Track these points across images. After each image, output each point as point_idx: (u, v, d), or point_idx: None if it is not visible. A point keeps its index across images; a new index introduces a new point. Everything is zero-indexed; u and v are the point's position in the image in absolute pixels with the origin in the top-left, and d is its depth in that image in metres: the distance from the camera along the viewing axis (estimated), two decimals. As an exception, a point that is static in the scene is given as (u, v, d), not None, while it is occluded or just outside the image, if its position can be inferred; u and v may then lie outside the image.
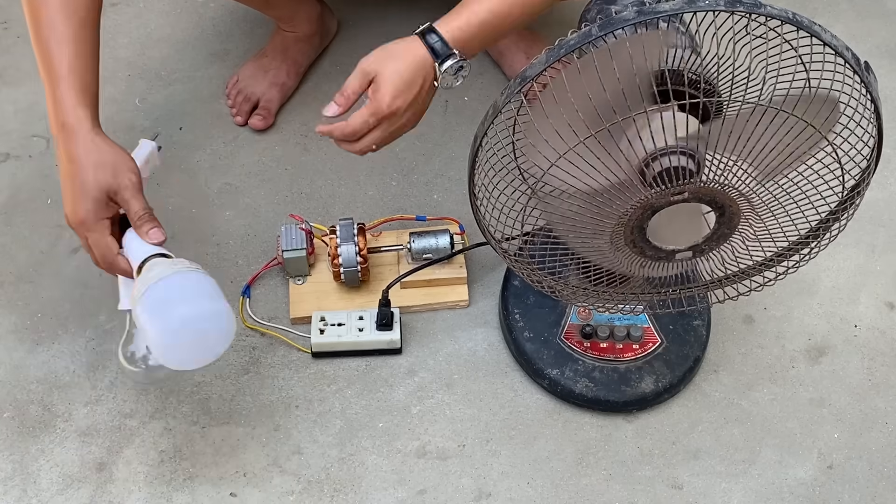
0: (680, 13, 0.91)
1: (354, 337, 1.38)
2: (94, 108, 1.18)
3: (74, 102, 1.16)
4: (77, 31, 1.18)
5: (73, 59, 1.17)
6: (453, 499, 1.30)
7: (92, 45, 1.19)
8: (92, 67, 1.19)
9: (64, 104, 1.16)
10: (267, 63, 1.65)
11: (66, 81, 1.16)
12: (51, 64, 1.16)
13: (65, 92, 1.16)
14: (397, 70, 1.17)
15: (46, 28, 1.17)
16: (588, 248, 1.12)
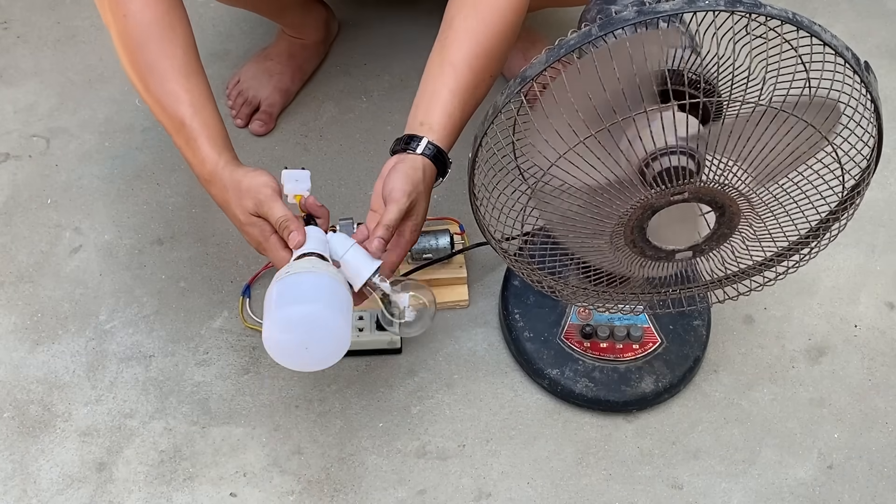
0: (680, 13, 0.91)
1: (354, 337, 1.38)
2: (228, 148, 1.21)
3: (211, 153, 1.19)
4: (189, 84, 1.20)
5: (195, 113, 1.19)
6: (453, 499, 1.30)
7: (205, 89, 1.22)
8: (213, 111, 1.21)
9: (204, 159, 1.19)
10: (271, 67, 1.64)
11: (200, 137, 1.19)
12: (177, 123, 1.19)
13: (202, 147, 1.19)
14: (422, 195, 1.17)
15: (160, 91, 1.19)
16: (587, 249, 1.12)
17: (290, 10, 1.62)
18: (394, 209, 1.12)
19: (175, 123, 1.20)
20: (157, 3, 1.19)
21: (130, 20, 1.18)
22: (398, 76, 1.71)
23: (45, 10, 1.79)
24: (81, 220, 1.53)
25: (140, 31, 1.18)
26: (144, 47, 1.19)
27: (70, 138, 1.63)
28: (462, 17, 1.18)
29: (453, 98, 1.16)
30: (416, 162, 1.16)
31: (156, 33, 1.19)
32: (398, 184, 1.13)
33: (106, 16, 1.21)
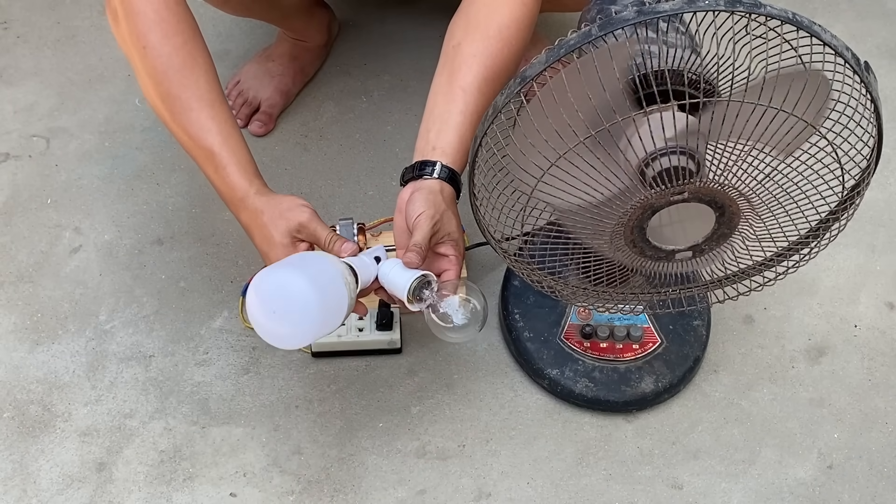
0: (680, 13, 0.91)
1: (354, 337, 1.38)
2: (258, 175, 1.22)
3: (241, 181, 1.20)
4: (215, 113, 1.21)
5: (223, 142, 1.20)
6: (453, 499, 1.30)
7: (230, 117, 1.23)
8: (239, 138, 1.22)
9: (234, 187, 1.20)
10: (273, 68, 1.64)
11: (230, 166, 1.20)
12: (206, 153, 1.20)
13: (231, 176, 1.20)
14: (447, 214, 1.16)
15: (186, 121, 1.20)
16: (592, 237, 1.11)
17: (295, 16, 1.62)
18: (418, 233, 1.12)
19: (204, 153, 1.21)
20: (176, 34, 1.20)
21: (150, 52, 1.19)
22: (398, 76, 1.71)
23: (45, 10, 1.79)
24: (81, 220, 1.53)
25: (161, 62, 1.19)
26: (167, 78, 1.19)
27: (70, 138, 1.63)
28: (470, 41, 1.18)
29: (464, 121, 1.16)
30: (434, 186, 1.15)
31: (177, 64, 1.19)
32: (419, 208, 1.13)
33: (126, 48, 1.22)
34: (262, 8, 1.56)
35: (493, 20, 1.18)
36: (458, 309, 1.13)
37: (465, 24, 1.20)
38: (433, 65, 1.19)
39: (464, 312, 1.14)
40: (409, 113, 1.67)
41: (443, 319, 1.13)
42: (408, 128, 1.65)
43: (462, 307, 1.13)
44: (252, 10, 1.57)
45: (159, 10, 1.18)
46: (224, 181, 1.21)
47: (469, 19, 1.20)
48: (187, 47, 1.20)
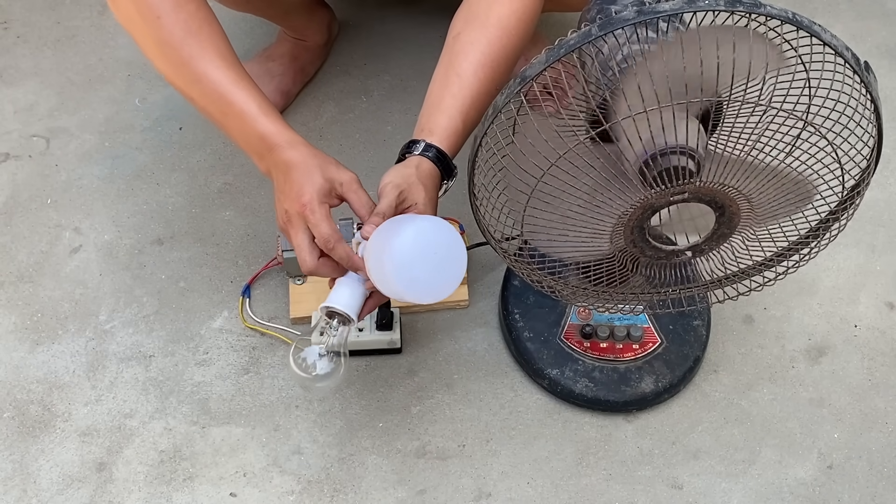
0: (680, 13, 0.91)
1: (354, 337, 1.38)
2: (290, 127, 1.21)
3: (281, 128, 1.19)
4: (239, 71, 1.20)
5: (254, 96, 1.19)
6: (453, 499, 1.30)
7: (249, 76, 1.22)
8: (265, 94, 1.21)
9: (272, 133, 1.18)
10: (273, 68, 1.64)
11: (266, 115, 1.18)
12: (237, 109, 1.19)
13: (269, 125, 1.18)
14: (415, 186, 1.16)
15: (210, 81, 1.19)
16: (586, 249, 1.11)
17: (295, 15, 1.62)
18: (383, 202, 1.12)
19: (236, 109, 1.19)
20: (187, 2, 1.19)
21: (166, 20, 1.18)
22: (398, 76, 1.71)
23: (45, 10, 1.79)
24: (81, 220, 1.53)
25: (179, 29, 1.18)
26: (186, 44, 1.18)
27: (70, 138, 1.63)
28: (469, 30, 1.19)
29: (455, 103, 1.17)
30: (411, 161, 1.16)
31: (194, 28, 1.19)
32: (387, 178, 1.14)
33: (133, 23, 1.21)
34: (263, 3, 1.56)
35: (492, 11, 1.19)
36: (321, 358, 1.13)
37: (465, 16, 1.21)
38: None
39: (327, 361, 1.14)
40: (409, 113, 1.67)
41: (304, 370, 1.14)
42: (408, 128, 1.64)
43: (325, 357, 1.13)
44: (252, 4, 1.57)
45: None
46: (263, 131, 1.18)
47: (470, 11, 1.21)
48: (200, 12, 1.20)
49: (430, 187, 1.17)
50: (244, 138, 1.20)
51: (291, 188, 1.15)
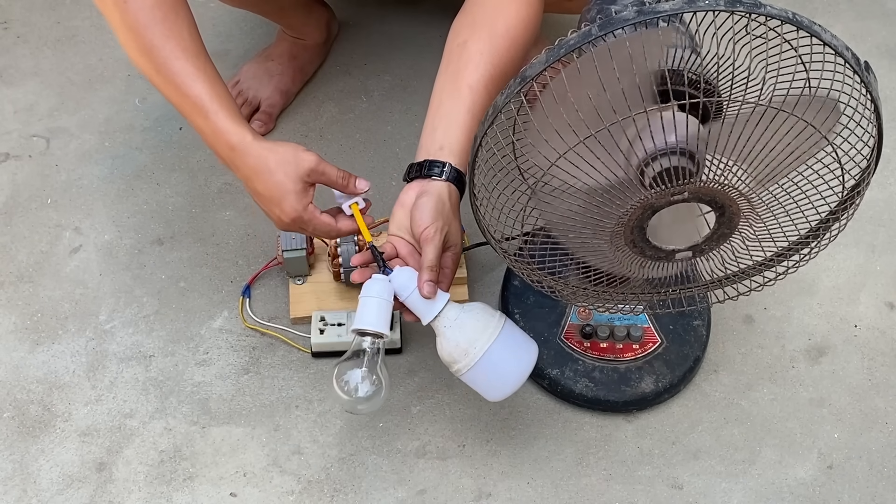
0: (680, 13, 0.91)
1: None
2: (247, 123, 1.22)
3: (232, 126, 1.19)
4: (200, 63, 1.21)
5: (209, 90, 1.20)
6: (453, 499, 1.30)
7: (214, 68, 1.23)
8: (225, 87, 1.22)
9: (224, 132, 1.19)
10: (272, 67, 1.64)
11: (217, 112, 1.19)
12: (192, 101, 1.19)
13: (220, 122, 1.19)
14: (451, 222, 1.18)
15: (171, 71, 1.19)
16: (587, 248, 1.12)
17: (292, 12, 1.62)
18: (431, 250, 1.13)
19: (191, 101, 1.19)
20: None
21: (132, 4, 1.18)
22: (398, 76, 1.71)
23: (45, 10, 1.79)
24: (81, 220, 1.53)
25: (144, 14, 1.18)
26: (149, 30, 1.18)
27: (70, 138, 1.63)
28: (476, 38, 1.18)
29: (472, 119, 1.16)
30: (442, 192, 1.16)
31: (159, 16, 1.19)
32: (427, 220, 1.14)
33: (104, 4, 1.20)
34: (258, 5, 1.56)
35: (499, 19, 1.18)
36: (363, 381, 1.16)
37: (471, 23, 1.20)
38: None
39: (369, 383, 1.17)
40: (409, 113, 1.67)
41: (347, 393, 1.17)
42: (408, 128, 1.65)
43: (366, 379, 1.16)
44: (247, 1, 1.56)
45: None
46: (216, 127, 1.19)
47: (475, 18, 1.20)
48: (172, 2, 1.19)
49: (459, 218, 1.19)
50: (203, 133, 1.21)
51: (273, 198, 1.19)
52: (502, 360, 1.16)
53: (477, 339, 1.14)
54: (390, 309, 1.16)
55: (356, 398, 1.17)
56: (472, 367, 1.15)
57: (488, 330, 1.15)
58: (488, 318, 1.16)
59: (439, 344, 1.16)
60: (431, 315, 1.15)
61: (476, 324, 1.15)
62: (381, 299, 1.14)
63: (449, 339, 1.15)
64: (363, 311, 1.15)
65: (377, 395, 1.17)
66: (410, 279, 1.14)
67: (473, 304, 1.18)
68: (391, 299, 1.15)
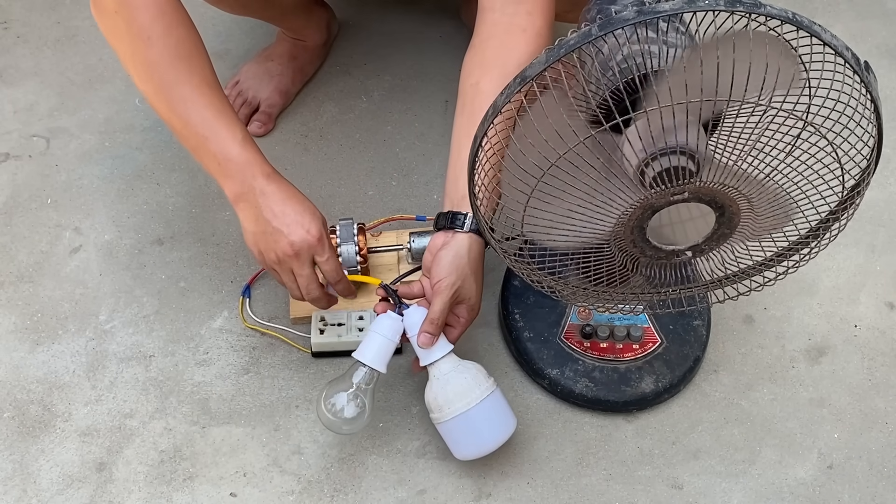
0: (680, 13, 0.91)
1: (354, 337, 1.38)
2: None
3: (264, 159, 1.23)
4: (224, 100, 1.23)
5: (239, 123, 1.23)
6: (453, 499, 1.30)
7: (224, 97, 1.25)
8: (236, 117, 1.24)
9: (258, 161, 1.22)
10: (272, 68, 1.64)
11: (243, 143, 1.21)
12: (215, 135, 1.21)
13: (248, 152, 1.21)
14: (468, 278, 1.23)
15: (192, 108, 1.21)
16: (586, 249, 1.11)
17: (294, 15, 1.62)
18: (437, 303, 1.19)
19: (209, 131, 1.21)
20: (179, 25, 1.20)
21: (155, 42, 1.19)
22: (398, 76, 1.71)
23: (45, 10, 1.79)
24: (81, 220, 1.53)
25: (168, 52, 1.20)
26: (173, 68, 1.20)
27: (70, 138, 1.63)
28: (488, 79, 1.18)
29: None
30: (462, 245, 1.20)
31: (183, 54, 1.20)
32: (442, 273, 1.20)
33: (119, 40, 1.21)
34: (260, 6, 1.56)
35: (511, 57, 1.18)
36: (349, 403, 1.22)
37: (480, 62, 1.21)
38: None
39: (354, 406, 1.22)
40: (409, 113, 1.67)
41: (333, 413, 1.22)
42: (408, 128, 1.65)
43: (350, 401, 1.22)
44: (250, 8, 1.57)
45: (160, 3, 1.19)
46: (246, 163, 1.21)
47: (485, 56, 1.20)
48: (190, 39, 1.21)
49: (480, 271, 1.23)
50: (223, 162, 1.22)
51: (295, 222, 1.21)
52: (471, 430, 1.23)
53: (454, 402, 1.21)
54: (392, 349, 1.23)
55: (341, 419, 1.22)
56: (441, 423, 1.24)
57: (468, 397, 1.21)
58: (474, 386, 1.22)
59: (427, 387, 1.24)
60: (427, 361, 1.23)
61: (460, 387, 1.22)
62: (387, 339, 1.22)
63: (433, 389, 1.23)
64: (368, 345, 1.22)
65: (360, 419, 1.23)
66: (419, 323, 1.21)
67: (469, 365, 1.24)
68: (397, 340, 1.22)
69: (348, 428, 1.23)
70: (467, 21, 1.74)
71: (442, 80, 1.70)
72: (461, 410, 1.21)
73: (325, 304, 1.31)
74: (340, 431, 1.24)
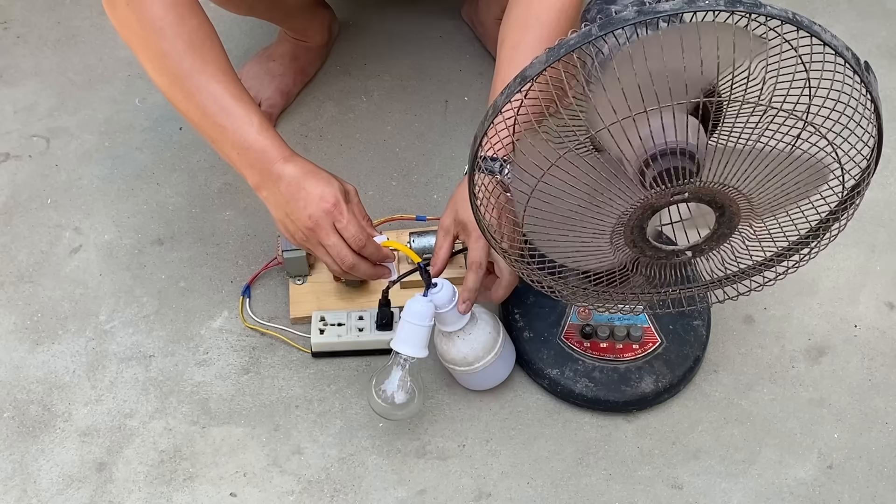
0: (680, 13, 0.91)
1: (354, 337, 1.38)
2: None
3: (282, 143, 1.24)
4: (241, 86, 1.25)
5: (256, 109, 1.24)
6: (453, 499, 1.30)
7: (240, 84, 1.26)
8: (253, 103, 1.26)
9: (275, 146, 1.23)
10: (274, 68, 1.64)
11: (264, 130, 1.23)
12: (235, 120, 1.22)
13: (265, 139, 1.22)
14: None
15: (210, 96, 1.22)
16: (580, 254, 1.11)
17: (297, 16, 1.62)
18: (472, 277, 1.25)
19: (225, 119, 1.21)
20: (192, 16, 1.21)
21: (169, 32, 1.19)
22: (398, 76, 1.71)
23: (45, 10, 1.79)
24: (81, 220, 1.53)
25: (182, 42, 1.20)
26: (188, 57, 1.20)
27: (70, 138, 1.63)
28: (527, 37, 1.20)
29: None
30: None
31: (197, 43, 1.21)
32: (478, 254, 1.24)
33: (132, 33, 1.21)
34: (265, 7, 1.56)
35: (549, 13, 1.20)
36: (398, 390, 1.27)
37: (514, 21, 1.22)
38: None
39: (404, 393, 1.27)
40: (409, 113, 1.67)
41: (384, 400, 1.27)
42: (408, 128, 1.65)
43: (400, 388, 1.27)
44: (254, 9, 1.57)
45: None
46: (262, 139, 1.21)
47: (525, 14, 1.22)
48: (203, 28, 1.22)
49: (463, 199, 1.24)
50: (242, 151, 1.22)
51: (311, 194, 1.21)
52: (496, 371, 1.33)
53: (483, 357, 1.29)
54: (428, 333, 1.25)
55: (392, 405, 1.26)
56: (470, 375, 1.31)
57: (494, 348, 1.30)
58: (496, 336, 1.30)
59: (448, 346, 1.28)
60: (457, 327, 1.27)
61: (486, 342, 1.29)
62: (420, 326, 1.24)
63: (460, 348, 1.28)
64: (402, 334, 1.25)
65: (411, 403, 1.27)
66: (451, 298, 1.25)
67: (482, 314, 1.30)
68: (430, 323, 1.25)
69: (402, 413, 1.28)
70: (467, 20, 1.74)
71: (442, 80, 1.70)
72: (491, 361, 1.30)
73: (368, 272, 1.28)
74: (395, 418, 1.30)
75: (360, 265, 1.26)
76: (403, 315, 1.24)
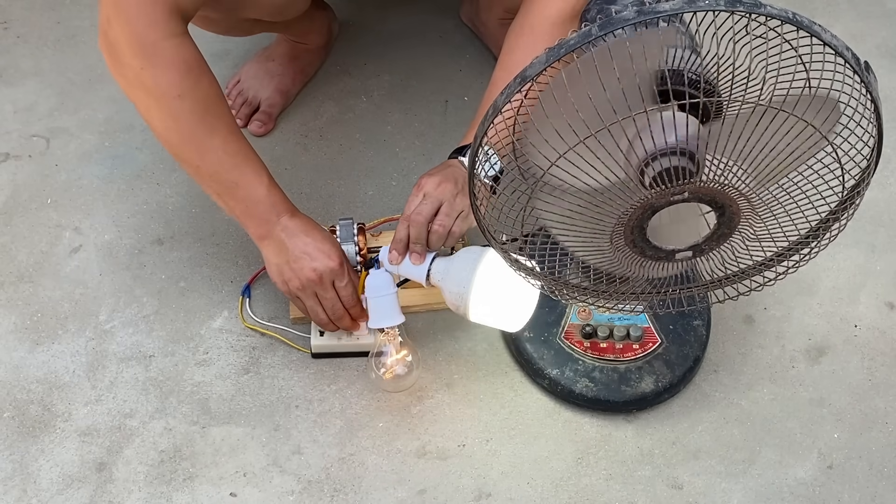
0: (680, 13, 0.91)
1: (354, 339, 1.38)
2: None
3: (286, 198, 1.32)
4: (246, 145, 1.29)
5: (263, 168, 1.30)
6: (453, 499, 1.30)
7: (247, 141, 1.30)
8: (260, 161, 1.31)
9: (282, 201, 1.31)
10: (273, 68, 1.64)
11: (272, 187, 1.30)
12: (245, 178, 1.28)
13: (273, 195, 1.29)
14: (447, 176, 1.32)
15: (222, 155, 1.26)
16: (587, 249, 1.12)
17: (296, 22, 1.62)
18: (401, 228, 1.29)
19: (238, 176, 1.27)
20: (203, 78, 1.22)
21: (187, 97, 1.21)
22: (398, 76, 1.71)
23: (45, 10, 1.79)
24: (81, 220, 1.53)
25: (199, 106, 1.23)
26: (203, 120, 1.24)
27: (70, 138, 1.63)
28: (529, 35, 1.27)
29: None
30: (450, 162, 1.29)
31: (210, 105, 1.24)
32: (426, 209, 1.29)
33: (143, 94, 1.22)
34: (267, 25, 1.56)
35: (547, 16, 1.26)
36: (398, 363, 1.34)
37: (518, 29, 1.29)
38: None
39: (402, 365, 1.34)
40: (409, 113, 1.67)
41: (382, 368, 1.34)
42: (408, 128, 1.65)
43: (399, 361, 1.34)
44: (257, 29, 1.58)
45: (188, 60, 1.21)
46: (272, 205, 1.29)
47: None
48: (213, 87, 1.25)
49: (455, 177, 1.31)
50: (252, 205, 1.29)
51: (318, 250, 1.29)
52: (495, 286, 1.25)
53: (464, 279, 1.25)
54: (395, 299, 1.31)
55: (397, 377, 1.34)
56: (471, 303, 1.26)
57: (472, 265, 1.25)
58: (470, 261, 1.26)
59: (445, 297, 1.29)
60: (422, 275, 1.28)
61: (464, 270, 1.25)
62: (387, 296, 1.30)
63: (446, 290, 1.27)
64: (374, 310, 1.31)
65: (413, 371, 1.34)
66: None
67: (463, 249, 1.30)
68: (394, 290, 1.31)
69: (407, 382, 1.36)
70: (467, 20, 1.74)
71: (442, 80, 1.70)
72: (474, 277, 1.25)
73: (349, 326, 1.36)
74: (402, 388, 1.36)
75: (346, 319, 1.35)
76: (367, 294, 1.31)
